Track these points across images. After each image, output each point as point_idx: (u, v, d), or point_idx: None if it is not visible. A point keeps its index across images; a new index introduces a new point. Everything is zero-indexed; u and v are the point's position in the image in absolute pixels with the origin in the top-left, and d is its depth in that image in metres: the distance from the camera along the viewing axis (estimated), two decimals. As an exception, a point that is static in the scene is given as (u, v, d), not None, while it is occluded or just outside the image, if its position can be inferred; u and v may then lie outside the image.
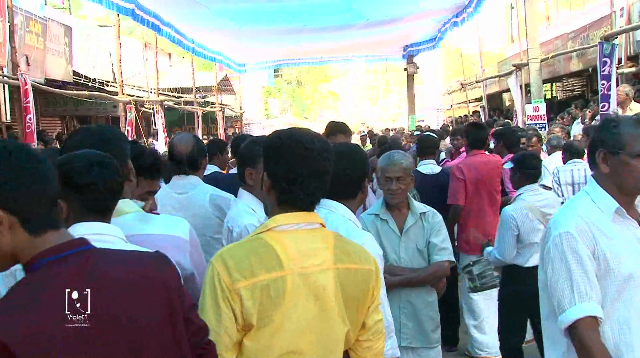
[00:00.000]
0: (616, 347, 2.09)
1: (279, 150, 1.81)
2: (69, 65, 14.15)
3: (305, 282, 1.74)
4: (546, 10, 20.25)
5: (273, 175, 1.81)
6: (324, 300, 1.76)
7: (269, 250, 1.73)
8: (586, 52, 12.51)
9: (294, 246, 1.75)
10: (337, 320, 1.78)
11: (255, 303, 1.68)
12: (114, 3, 8.80)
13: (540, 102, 11.12)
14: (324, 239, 1.81)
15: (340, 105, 49.53)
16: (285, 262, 1.72)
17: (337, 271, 1.78)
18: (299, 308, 1.73)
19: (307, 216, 1.81)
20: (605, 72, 8.71)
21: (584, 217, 2.14)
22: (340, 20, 12.50)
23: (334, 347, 1.79)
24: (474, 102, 21.60)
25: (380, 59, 22.68)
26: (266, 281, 1.69)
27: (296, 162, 1.78)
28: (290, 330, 1.72)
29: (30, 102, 8.41)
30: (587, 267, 2.07)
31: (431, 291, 3.50)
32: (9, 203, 1.43)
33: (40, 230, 1.47)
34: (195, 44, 13.86)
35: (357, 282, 1.82)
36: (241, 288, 1.68)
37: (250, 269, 1.70)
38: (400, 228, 3.49)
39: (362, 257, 1.87)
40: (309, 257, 1.76)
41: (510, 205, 4.35)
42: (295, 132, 1.86)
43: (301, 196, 1.79)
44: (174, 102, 18.35)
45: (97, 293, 1.41)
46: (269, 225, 1.79)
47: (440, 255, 3.44)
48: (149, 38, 18.38)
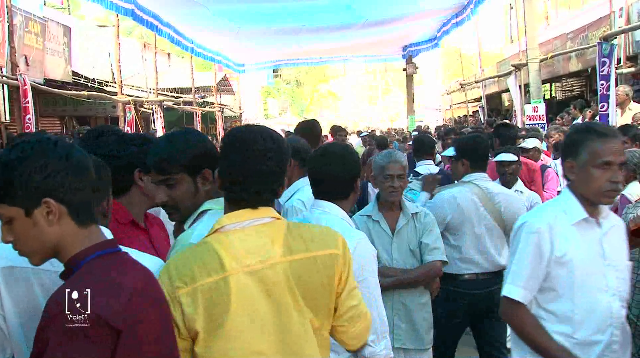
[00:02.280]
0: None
1: (225, 148, 1.81)
2: (68, 66, 14.14)
3: (253, 281, 1.71)
4: (545, 11, 20.27)
5: (220, 173, 1.81)
6: (277, 296, 1.72)
7: (212, 253, 1.71)
8: (585, 52, 12.50)
9: (239, 245, 1.72)
10: (294, 313, 1.74)
11: (197, 308, 1.66)
12: (114, 3, 8.80)
13: (540, 102, 11.13)
14: (273, 233, 1.76)
15: (340, 106, 49.58)
16: (228, 263, 1.69)
17: (287, 264, 1.74)
18: (251, 308, 1.70)
19: (255, 212, 1.77)
20: (604, 72, 8.70)
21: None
22: (339, 20, 12.50)
23: (296, 341, 1.75)
24: (473, 102, 21.61)
25: (379, 59, 22.65)
26: (207, 285, 1.68)
27: (237, 162, 1.76)
28: (246, 332, 1.69)
29: (30, 102, 8.42)
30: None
31: (424, 292, 3.50)
32: (59, 192, 1.45)
33: (86, 222, 1.50)
34: (195, 44, 13.86)
35: (315, 270, 1.77)
36: (181, 295, 1.67)
37: (191, 275, 1.68)
38: (392, 228, 3.49)
39: (322, 242, 1.81)
40: (255, 254, 1.72)
41: None
42: (245, 131, 1.83)
43: (244, 196, 1.77)
44: (173, 102, 18.34)
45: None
46: (215, 227, 1.77)
47: (433, 255, 3.44)
48: (148, 38, 18.39)
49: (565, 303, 2.27)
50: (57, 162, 1.46)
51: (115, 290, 1.42)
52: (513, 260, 2.36)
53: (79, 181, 1.48)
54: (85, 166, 1.51)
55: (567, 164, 2.33)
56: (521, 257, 2.31)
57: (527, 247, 2.30)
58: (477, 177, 3.97)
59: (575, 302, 2.26)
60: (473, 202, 3.88)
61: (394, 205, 3.51)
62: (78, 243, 1.49)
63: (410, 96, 20.30)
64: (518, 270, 2.32)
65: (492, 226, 3.90)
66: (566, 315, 2.27)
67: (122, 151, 2.29)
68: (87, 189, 1.51)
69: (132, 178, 2.30)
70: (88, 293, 1.37)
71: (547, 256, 2.26)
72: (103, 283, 1.42)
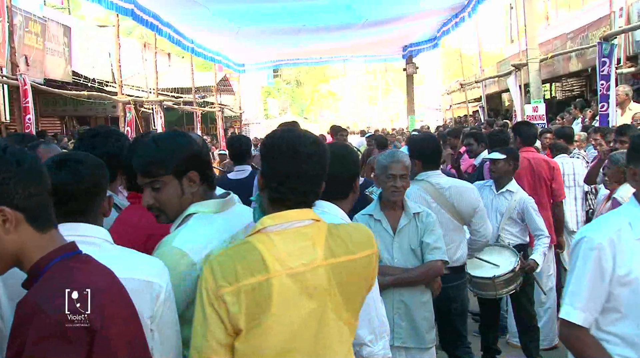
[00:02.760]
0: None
1: (271, 149, 1.83)
2: (68, 66, 14.16)
3: (295, 283, 1.73)
4: (545, 11, 20.26)
5: (265, 173, 1.83)
6: (317, 299, 1.76)
7: (255, 253, 1.73)
8: (585, 52, 12.50)
9: (282, 247, 1.75)
10: (332, 316, 1.78)
11: (241, 308, 1.68)
12: (114, 3, 8.78)
13: (540, 102, 11.11)
14: (315, 236, 1.79)
15: (340, 106, 49.61)
16: (271, 264, 1.71)
17: (329, 267, 1.78)
18: (290, 309, 1.72)
19: (297, 214, 1.80)
20: (604, 72, 8.71)
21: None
22: (339, 20, 12.50)
23: (330, 344, 1.79)
24: (473, 102, 21.62)
25: (379, 59, 22.62)
26: (251, 285, 1.69)
27: (285, 162, 1.79)
28: (282, 331, 1.71)
29: (30, 102, 8.42)
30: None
31: (425, 291, 3.50)
32: (13, 199, 1.42)
33: (46, 227, 1.47)
34: (195, 44, 13.85)
35: (355, 272, 1.82)
36: (225, 294, 1.68)
37: (235, 275, 1.70)
38: (393, 228, 3.50)
39: (361, 243, 1.86)
40: (298, 256, 1.75)
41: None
42: (289, 133, 1.87)
43: (290, 196, 1.80)
44: (173, 102, 18.35)
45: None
46: (257, 227, 1.79)
47: (433, 255, 3.45)
48: (148, 38, 18.40)
49: (630, 325, 2.07)
50: (8, 169, 1.42)
51: (84, 290, 1.41)
52: (571, 279, 2.14)
53: (33, 186, 1.44)
54: (39, 171, 1.48)
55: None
56: (579, 275, 2.10)
57: (586, 265, 2.08)
58: (429, 174, 4.00)
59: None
60: (423, 199, 3.91)
61: (396, 204, 3.52)
62: (40, 249, 1.45)
63: (411, 96, 20.29)
64: (576, 290, 2.11)
65: (447, 220, 3.90)
66: (631, 338, 2.07)
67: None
68: (44, 194, 1.47)
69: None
70: (65, 293, 1.37)
71: (609, 274, 2.05)
72: (72, 284, 1.41)
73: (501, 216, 4.80)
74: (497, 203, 4.84)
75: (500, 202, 4.84)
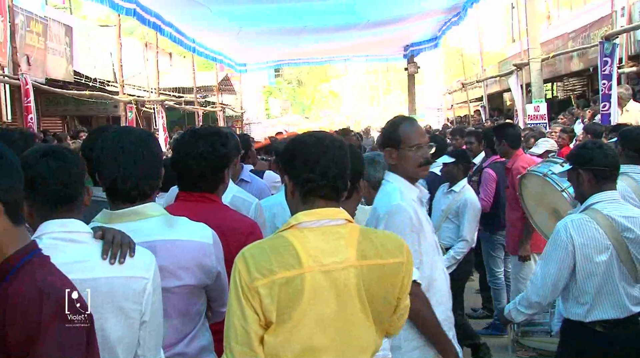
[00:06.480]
0: None
1: (294, 147, 1.87)
2: (70, 65, 14.16)
3: (327, 280, 1.75)
4: (547, 10, 20.25)
5: (293, 172, 1.86)
6: (345, 298, 1.77)
7: (289, 248, 1.75)
8: (587, 51, 12.50)
9: (316, 243, 1.77)
10: (360, 316, 1.79)
11: (274, 300, 1.71)
12: (115, 3, 8.79)
13: (541, 101, 11.13)
14: (347, 236, 1.81)
15: (341, 105, 49.58)
16: (305, 259, 1.74)
17: (360, 268, 1.79)
18: (319, 305, 1.74)
19: (330, 212, 1.83)
20: (606, 71, 8.71)
21: None
22: (341, 20, 12.50)
23: (356, 343, 1.80)
24: (475, 101, 21.61)
25: (380, 59, 22.63)
26: (285, 279, 1.72)
27: (312, 151, 1.82)
28: (310, 326, 1.73)
29: (31, 102, 8.45)
30: None
31: None
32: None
33: (18, 221, 1.49)
34: (197, 43, 13.86)
35: (384, 278, 1.82)
36: (259, 287, 1.71)
37: (269, 267, 1.72)
38: None
39: (391, 250, 1.86)
40: (331, 254, 1.77)
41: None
42: (313, 133, 1.93)
43: (322, 183, 1.81)
44: (174, 102, 18.38)
45: None
46: (291, 222, 1.81)
47: None
48: (149, 38, 18.41)
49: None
50: None
51: (69, 285, 1.48)
52: None
53: (12, 180, 1.47)
54: (16, 166, 1.50)
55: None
56: None
57: None
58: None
59: None
60: None
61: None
62: (15, 242, 1.47)
63: (412, 96, 20.28)
64: None
65: None
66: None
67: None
68: (19, 189, 1.50)
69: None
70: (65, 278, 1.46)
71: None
72: (62, 280, 1.49)
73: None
74: (442, 202, 5.09)
75: (444, 201, 5.07)
